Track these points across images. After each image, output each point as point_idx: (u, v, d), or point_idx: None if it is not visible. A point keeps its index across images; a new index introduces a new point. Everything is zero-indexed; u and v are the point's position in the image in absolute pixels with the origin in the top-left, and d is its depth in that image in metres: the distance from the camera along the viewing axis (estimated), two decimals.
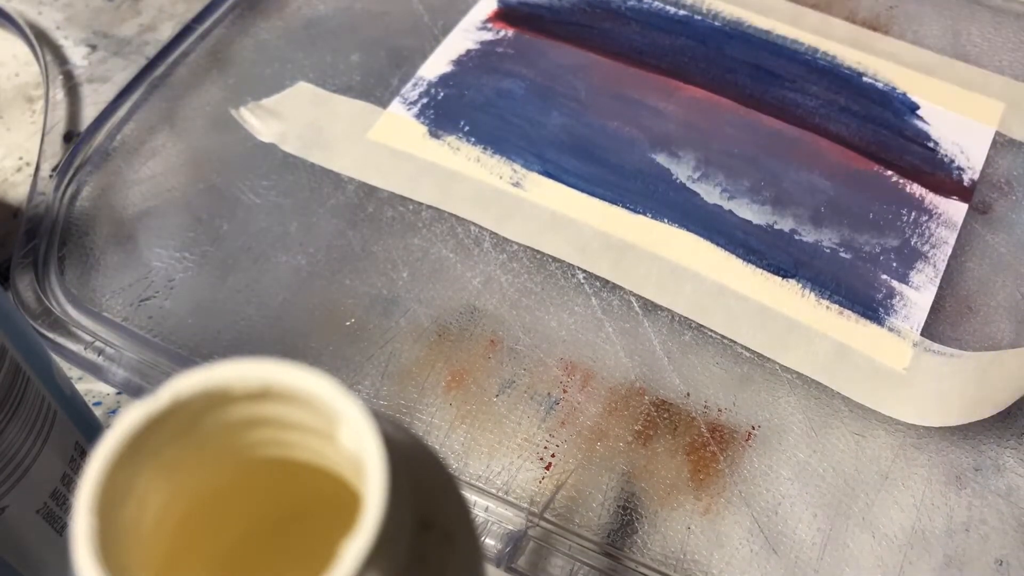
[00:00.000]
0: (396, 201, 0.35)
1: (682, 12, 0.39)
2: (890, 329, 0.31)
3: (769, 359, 0.30)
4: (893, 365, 0.30)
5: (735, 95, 0.37)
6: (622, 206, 0.34)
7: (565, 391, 0.30)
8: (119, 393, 0.32)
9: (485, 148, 0.36)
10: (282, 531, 0.18)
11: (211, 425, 0.14)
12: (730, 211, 0.34)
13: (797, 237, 0.33)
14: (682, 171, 0.35)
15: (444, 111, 0.37)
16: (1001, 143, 0.36)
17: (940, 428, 0.29)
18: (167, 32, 0.41)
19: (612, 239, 0.33)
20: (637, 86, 0.37)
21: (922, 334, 0.31)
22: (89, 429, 0.25)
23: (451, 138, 0.36)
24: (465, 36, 0.39)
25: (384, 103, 0.37)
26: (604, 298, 0.32)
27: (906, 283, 0.32)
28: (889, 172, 0.35)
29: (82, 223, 0.35)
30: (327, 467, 0.15)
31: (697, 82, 0.37)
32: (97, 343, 0.31)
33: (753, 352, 0.31)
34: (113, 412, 0.32)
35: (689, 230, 0.33)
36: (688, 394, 0.30)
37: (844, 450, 0.29)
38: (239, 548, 0.17)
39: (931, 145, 0.35)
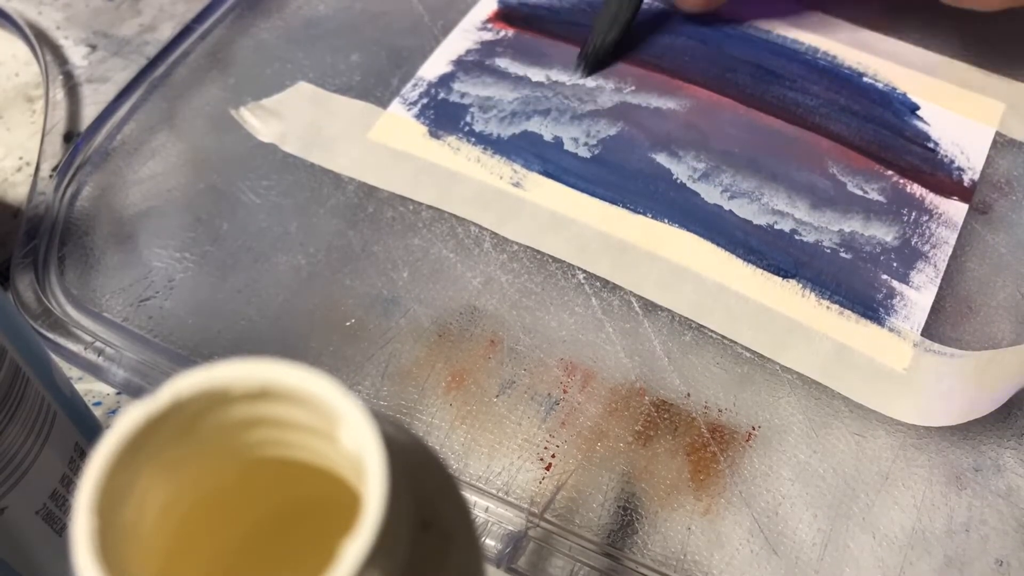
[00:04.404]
0: (396, 201, 0.35)
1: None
2: (890, 329, 0.31)
3: (769, 359, 0.30)
4: (893, 365, 0.30)
5: (735, 95, 0.37)
6: (622, 206, 0.34)
7: (565, 391, 0.30)
8: (119, 393, 0.32)
9: (485, 148, 0.36)
10: (282, 531, 0.18)
11: (211, 425, 0.14)
12: (730, 211, 0.34)
13: (797, 237, 0.33)
14: (682, 171, 0.35)
15: (444, 111, 0.37)
16: (1001, 143, 0.36)
17: (940, 428, 0.29)
18: (167, 32, 0.41)
19: (612, 239, 0.33)
20: (637, 85, 0.37)
21: (922, 334, 0.31)
22: (89, 429, 0.25)
23: (451, 138, 0.36)
24: (465, 36, 0.39)
25: (384, 103, 0.37)
26: (604, 298, 0.32)
27: (906, 283, 0.32)
28: (889, 172, 0.35)
29: (82, 223, 0.35)
30: (327, 467, 0.15)
31: (697, 81, 0.37)
32: (97, 343, 0.31)
33: (753, 352, 0.31)
34: (113, 412, 0.32)
35: (689, 230, 0.33)
36: (688, 394, 0.30)
37: (844, 450, 0.29)
38: (239, 548, 0.17)
39: (931, 145, 0.35)
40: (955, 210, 0.34)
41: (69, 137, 0.38)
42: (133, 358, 0.31)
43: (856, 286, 0.32)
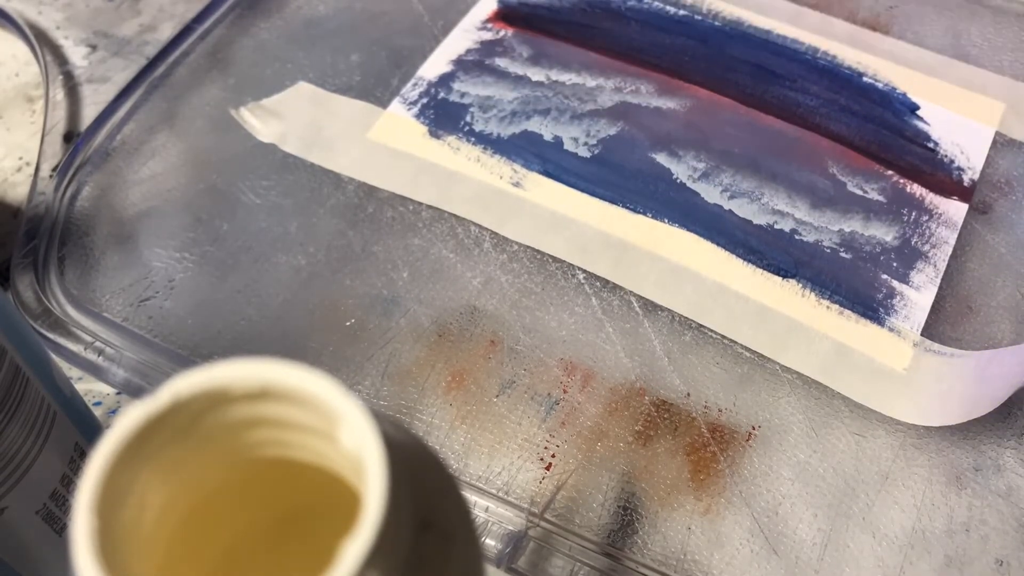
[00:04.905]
0: (396, 201, 0.35)
1: (682, 12, 0.39)
2: (890, 329, 0.31)
3: (769, 359, 0.30)
4: (893, 365, 0.30)
5: (735, 95, 0.37)
6: (622, 206, 0.34)
7: (565, 391, 0.30)
8: (119, 393, 0.32)
9: (485, 148, 0.36)
10: (282, 531, 0.18)
11: (211, 425, 0.14)
12: (730, 211, 0.34)
13: (797, 237, 0.33)
14: (682, 171, 0.35)
15: (444, 111, 0.37)
16: (1001, 143, 0.36)
17: (940, 428, 0.29)
18: (167, 32, 0.41)
19: (612, 239, 0.33)
20: (637, 85, 0.37)
21: (922, 334, 0.31)
22: (89, 429, 0.25)
23: (451, 138, 0.36)
24: (465, 36, 0.39)
25: (384, 103, 0.37)
26: (604, 298, 0.32)
27: (906, 283, 0.32)
28: (889, 172, 0.35)
29: (82, 223, 0.35)
30: (327, 467, 0.15)
31: (697, 82, 0.37)
32: (97, 343, 0.31)
33: (753, 352, 0.31)
34: (113, 412, 0.32)
35: (689, 230, 0.33)
36: (688, 394, 0.30)
37: (844, 450, 0.29)
38: (239, 548, 0.17)
39: (931, 145, 0.35)
40: (955, 210, 0.34)
41: (69, 137, 0.38)
42: (133, 358, 0.31)
43: (856, 286, 0.32)
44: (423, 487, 0.14)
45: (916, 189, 0.34)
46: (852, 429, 0.29)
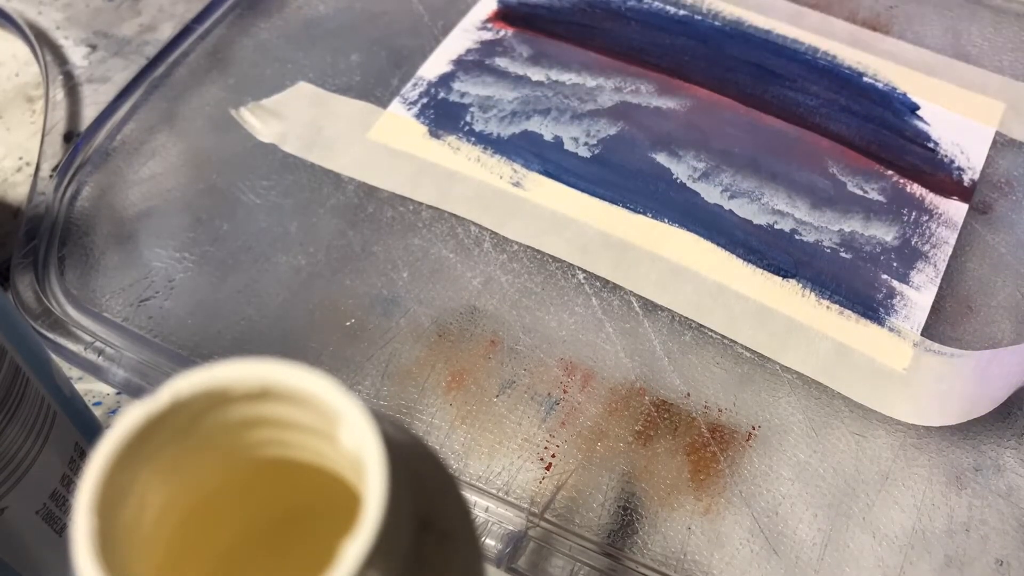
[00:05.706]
0: (396, 201, 0.35)
1: (682, 12, 0.39)
2: (890, 329, 0.31)
3: (769, 359, 0.30)
4: (893, 365, 0.30)
5: (735, 95, 0.37)
6: (622, 206, 0.34)
7: (565, 391, 0.30)
8: (119, 393, 0.32)
9: (485, 148, 0.36)
10: (282, 531, 0.18)
11: (211, 425, 0.14)
12: (730, 211, 0.34)
13: (797, 237, 0.33)
14: (682, 171, 0.35)
15: (444, 111, 0.37)
16: (1001, 143, 0.36)
17: (940, 428, 0.29)
18: (167, 32, 0.41)
19: (612, 239, 0.33)
20: (637, 85, 0.37)
21: (922, 334, 0.31)
22: (89, 429, 0.25)
23: (451, 138, 0.36)
24: (465, 36, 0.39)
25: (384, 103, 0.37)
26: (604, 298, 0.32)
27: (906, 283, 0.32)
28: (889, 172, 0.35)
29: (82, 223, 0.35)
30: (327, 467, 0.15)
31: (697, 81, 0.37)
32: (97, 343, 0.31)
33: (753, 352, 0.31)
34: (113, 412, 0.32)
35: (689, 230, 0.33)
36: (688, 394, 0.30)
37: (844, 450, 0.29)
38: (239, 548, 0.17)
39: (931, 145, 0.35)
40: (955, 210, 0.34)
41: (69, 137, 0.38)
42: (133, 358, 0.31)
43: (856, 286, 0.32)
44: (423, 487, 0.14)
45: (916, 189, 0.34)
46: (852, 429, 0.29)
